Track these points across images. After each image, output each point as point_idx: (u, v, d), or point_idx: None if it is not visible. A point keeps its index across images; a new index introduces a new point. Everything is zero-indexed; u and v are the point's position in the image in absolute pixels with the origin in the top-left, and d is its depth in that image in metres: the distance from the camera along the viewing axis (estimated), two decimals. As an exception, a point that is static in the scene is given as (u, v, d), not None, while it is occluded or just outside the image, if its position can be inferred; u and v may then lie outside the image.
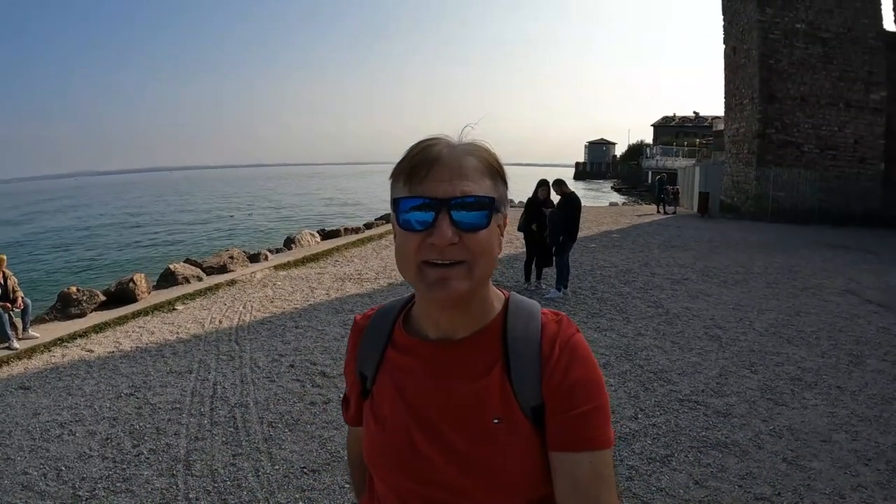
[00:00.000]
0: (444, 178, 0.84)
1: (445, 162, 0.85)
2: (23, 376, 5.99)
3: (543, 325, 0.93)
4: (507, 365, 0.90)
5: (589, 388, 0.89)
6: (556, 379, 0.88)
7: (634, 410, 4.58)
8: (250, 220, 36.13)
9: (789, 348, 6.07)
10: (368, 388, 1.02)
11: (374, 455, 0.99)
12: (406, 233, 0.86)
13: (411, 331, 1.00)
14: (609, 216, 21.23)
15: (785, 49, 19.86)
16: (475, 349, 0.93)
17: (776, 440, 4.07)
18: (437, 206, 0.83)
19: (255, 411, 4.81)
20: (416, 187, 0.85)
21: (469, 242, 0.84)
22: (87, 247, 26.43)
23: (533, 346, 0.91)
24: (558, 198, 8.67)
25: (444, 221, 0.83)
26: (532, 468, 0.88)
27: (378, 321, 1.05)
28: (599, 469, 0.86)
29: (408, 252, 0.86)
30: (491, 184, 0.88)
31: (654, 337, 6.48)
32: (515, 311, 0.96)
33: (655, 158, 54.43)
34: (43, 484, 3.85)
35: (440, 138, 0.89)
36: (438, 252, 0.83)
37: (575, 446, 0.86)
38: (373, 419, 0.99)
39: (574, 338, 0.92)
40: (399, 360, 0.98)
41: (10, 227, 39.68)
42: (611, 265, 11.04)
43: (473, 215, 0.84)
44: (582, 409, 0.87)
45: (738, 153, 22.09)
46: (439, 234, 0.82)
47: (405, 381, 0.96)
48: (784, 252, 12.96)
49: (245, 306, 8.46)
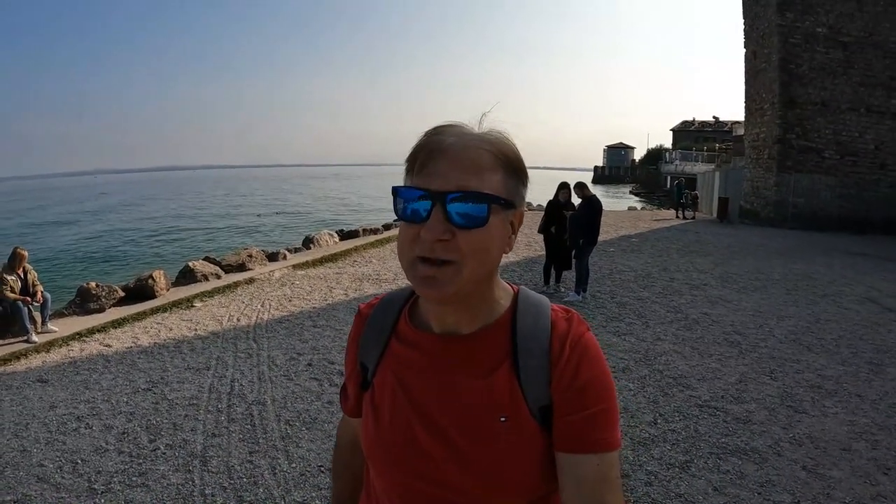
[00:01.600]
0: (444, 170, 0.81)
1: (451, 153, 0.81)
2: (41, 369, 6.05)
3: (553, 322, 0.91)
4: (516, 363, 0.88)
5: (599, 389, 0.87)
6: (566, 379, 0.86)
7: (654, 416, 4.54)
8: (275, 219, 36.65)
9: (809, 355, 5.99)
10: (369, 380, 1.00)
11: (373, 449, 0.96)
12: (404, 224, 0.84)
13: (417, 323, 0.97)
14: (628, 220, 21.10)
15: (805, 53, 19.62)
16: (482, 345, 0.90)
17: (796, 448, 4.01)
18: (433, 198, 0.80)
19: (272, 409, 4.83)
20: (415, 177, 0.83)
21: (462, 240, 0.80)
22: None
23: (542, 344, 0.88)
24: (579, 201, 8.63)
25: (437, 216, 0.80)
26: (534, 468, 0.87)
27: (383, 311, 1.03)
28: (606, 471, 0.85)
29: (404, 244, 0.84)
30: (502, 178, 0.84)
31: (673, 342, 6.42)
32: (525, 307, 0.93)
33: (674, 163, 54.05)
34: (58, 476, 3.89)
35: (454, 125, 0.85)
36: (428, 247, 0.80)
37: (583, 448, 0.85)
38: (372, 412, 0.97)
39: (585, 336, 0.90)
40: (403, 352, 0.96)
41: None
42: (630, 269, 10.97)
43: (469, 211, 0.80)
44: (591, 411, 0.85)
45: (758, 158, 21.86)
46: (428, 229, 0.80)
47: (408, 375, 0.94)
48: (803, 259, 12.81)
49: (263, 304, 8.50)
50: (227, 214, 42.22)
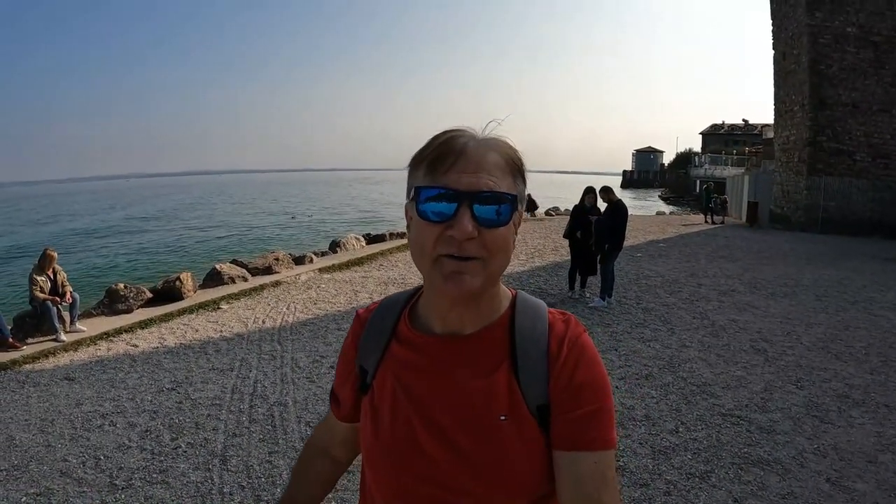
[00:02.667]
0: (468, 170, 0.83)
1: (470, 155, 0.84)
2: (68, 367, 6.20)
3: (551, 324, 0.92)
4: (515, 363, 0.89)
5: (595, 389, 0.88)
6: (564, 379, 0.87)
7: (675, 424, 4.48)
8: (307, 221, 37.29)
9: (837, 364, 5.86)
10: (368, 383, 1.00)
11: (372, 451, 0.96)
12: (424, 223, 0.84)
13: (417, 325, 0.98)
14: (656, 225, 20.88)
15: (835, 54, 19.20)
16: (483, 345, 0.92)
17: (820, 459, 3.92)
18: (460, 198, 0.82)
19: (293, 410, 4.87)
20: (438, 178, 0.84)
21: (487, 239, 0.83)
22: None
23: (540, 345, 0.90)
24: (604, 205, 8.57)
25: (466, 215, 0.81)
26: (536, 467, 0.87)
27: (382, 314, 1.03)
28: (603, 470, 0.85)
29: (425, 244, 0.84)
30: (511, 181, 0.87)
31: (698, 349, 6.33)
32: (523, 308, 0.95)
33: (704, 167, 53.40)
34: (81, 471, 3.98)
35: (464, 130, 0.87)
36: (456, 246, 0.82)
37: (580, 446, 0.85)
38: (372, 414, 0.97)
39: (582, 338, 0.91)
40: (403, 354, 0.96)
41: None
42: (656, 275, 10.86)
43: (495, 211, 0.83)
44: (587, 410, 0.86)
45: (788, 162, 21.48)
46: (460, 228, 0.81)
47: (408, 376, 0.94)
48: (834, 264, 12.55)
49: (288, 307, 8.59)
50: (259, 214, 43.18)
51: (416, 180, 0.87)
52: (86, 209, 59.39)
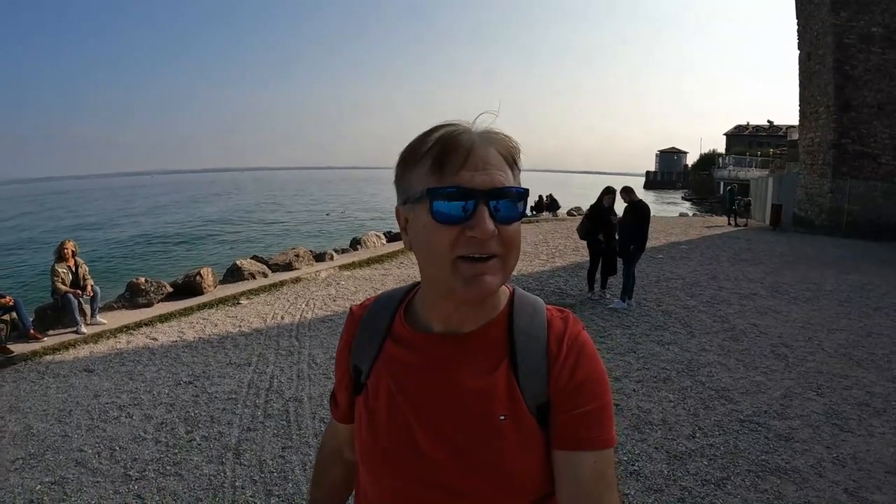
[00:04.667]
0: (479, 167, 0.81)
1: (479, 151, 0.82)
2: (88, 359, 6.30)
3: (549, 321, 0.91)
4: (514, 361, 0.88)
5: (595, 387, 0.87)
6: (564, 377, 0.86)
7: (692, 429, 4.42)
8: (334, 219, 38.32)
9: (858, 371, 5.75)
10: (363, 383, 0.98)
11: (368, 453, 0.94)
12: (438, 226, 0.81)
13: (413, 323, 0.96)
14: (678, 227, 20.63)
15: (861, 54, 18.81)
16: (482, 344, 0.90)
17: (838, 469, 3.84)
18: (477, 197, 0.80)
19: (308, 406, 4.89)
20: (449, 177, 0.81)
21: (504, 235, 0.82)
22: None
23: (539, 342, 0.89)
24: (623, 206, 8.48)
25: (485, 213, 0.80)
26: (536, 466, 0.86)
27: (376, 312, 1.01)
28: (602, 469, 0.85)
29: (440, 246, 0.81)
30: (512, 173, 0.86)
31: (718, 353, 6.24)
32: (521, 305, 0.94)
33: (728, 168, 52.69)
34: (96, 462, 4.04)
35: (458, 124, 0.85)
36: (479, 246, 0.80)
37: (579, 445, 0.85)
38: (367, 415, 0.95)
39: (581, 335, 0.90)
40: (399, 353, 0.94)
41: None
42: (678, 277, 10.74)
43: (511, 207, 0.82)
44: (587, 408, 0.85)
45: (813, 164, 21.14)
46: (482, 228, 0.79)
47: (405, 376, 0.92)
48: (858, 269, 12.32)
49: (308, 304, 8.65)
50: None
51: (417, 180, 0.84)
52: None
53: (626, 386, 5.24)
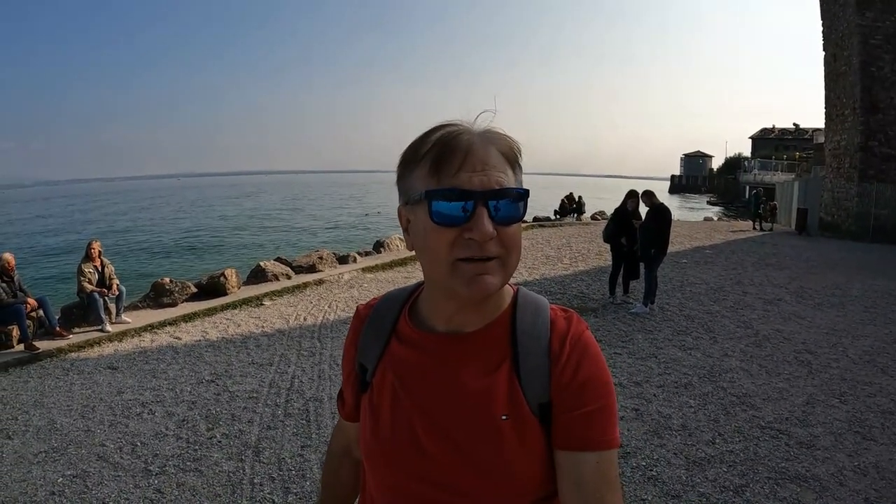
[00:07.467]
0: (478, 168, 0.81)
1: (477, 152, 0.82)
2: (112, 357, 6.42)
3: (552, 321, 0.91)
4: (516, 360, 0.88)
5: (598, 387, 0.86)
6: (566, 377, 0.86)
7: (713, 435, 4.38)
8: (368, 220, 38.83)
9: (883, 378, 5.64)
10: (368, 381, 0.99)
11: (372, 451, 0.95)
12: (437, 228, 0.81)
13: (418, 322, 0.97)
14: (703, 231, 20.39)
15: (887, 55, 18.48)
16: (484, 343, 0.90)
17: (860, 478, 3.77)
18: (476, 199, 0.80)
19: (328, 406, 4.93)
20: (447, 179, 0.81)
21: (503, 236, 0.82)
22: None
23: (542, 342, 0.88)
24: (645, 209, 8.43)
25: (484, 215, 0.79)
26: (537, 466, 0.86)
27: (382, 311, 1.02)
28: (605, 469, 0.84)
29: (439, 249, 0.82)
30: (513, 174, 0.85)
31: (740, 359, 6.17)
32: (524, 304, 0.93)
33: (753, 172, 51.90)
34: (118, 456, 4.12)
35: (458, 124, 0.85)
36: (478, 247, 0.80)
37: (581, 445, 0.84)
38: (371, 413, 0.96)
39: (584, 335, 0.89)
40: (403, 352, 0.95)
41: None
42: (701, 282, 10.63)
43: (511, 208, 0.82)
44: (590, 409, 0.85)
45: (839, 167, 20.80)
46: (480, 230, 0.79)
47: (409, 374, 0.93)
48: (885, 274, 12.08)
49: (330, 305, 8.71)
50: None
51: (418, 181, 0.84)
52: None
53: (647, 391, 5.20)
